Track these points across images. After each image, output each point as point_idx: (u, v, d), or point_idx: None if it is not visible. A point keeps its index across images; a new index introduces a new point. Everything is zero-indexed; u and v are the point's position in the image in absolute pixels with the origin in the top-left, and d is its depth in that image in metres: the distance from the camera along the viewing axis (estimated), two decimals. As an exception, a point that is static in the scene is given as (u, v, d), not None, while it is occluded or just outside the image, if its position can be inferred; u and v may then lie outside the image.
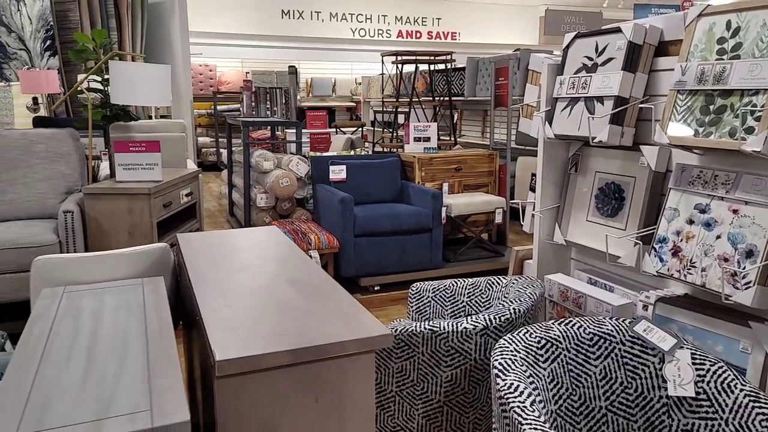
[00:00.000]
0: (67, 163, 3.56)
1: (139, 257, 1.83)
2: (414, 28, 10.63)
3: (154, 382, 1.13)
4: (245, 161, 4.54)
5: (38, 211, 3.45)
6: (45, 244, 3.04)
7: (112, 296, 1.63)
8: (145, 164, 3.40)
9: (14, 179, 3.41)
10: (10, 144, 3.45)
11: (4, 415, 1.01)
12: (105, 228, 3.24)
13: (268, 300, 1.38)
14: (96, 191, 3.22)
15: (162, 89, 3.38)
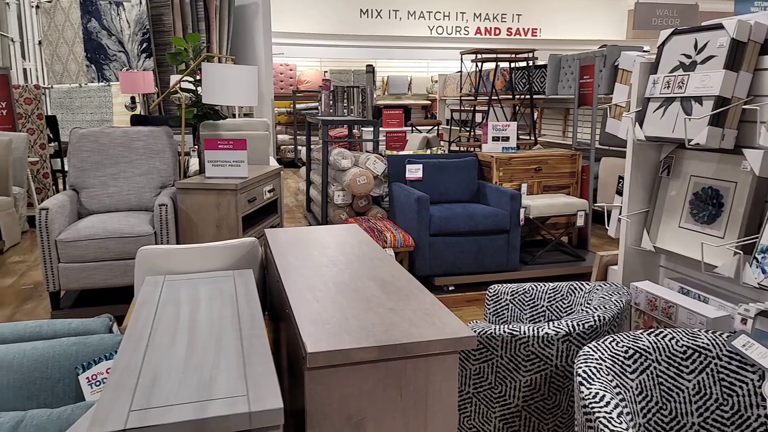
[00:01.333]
0: (162, 159, 3.80)
1: (230, 250, 1.93)
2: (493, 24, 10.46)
3: (248, 369, 1.20)
4: (324, 159, 4.66)
5: (137, 203, 3.70)
6: (142, 234, 3.27)
7: (207, 286, 1.73)
8: (232, 161, 3.58)
9: (117, 174, 3.69)
10: (114, 141, 3.73)
11: (120, 390, 1.11)
12: (194, 221, 3.44)
13: (354, 296, 1.42)
14: (187, 186, 3.42)
15: (250, 89, 3.54)
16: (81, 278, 3.22)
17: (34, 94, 5.90)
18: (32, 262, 4.49)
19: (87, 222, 3.33)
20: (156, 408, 1.05)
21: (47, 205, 3.18)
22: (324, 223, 4.71)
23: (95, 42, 8.80)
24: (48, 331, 1.64)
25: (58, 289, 3.21)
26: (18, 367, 1.48)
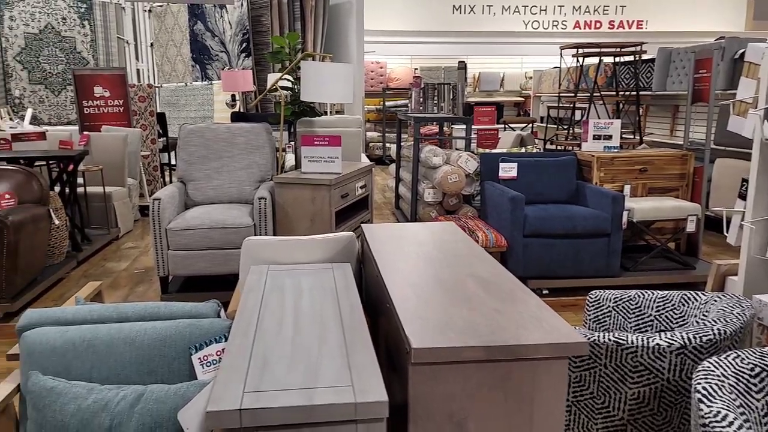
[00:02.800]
0: (262, 154, 3.96)
1: (329, 244, 1.97)
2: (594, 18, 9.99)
3: (352, 359, 1.21)
4: (414, 156, 4.66)
5: (237, 196, 3.89)
6: (242, 226, 3.43)
7: (308, 277, 1.78)
8: (327, 157, 3.66)
9: (220, 167, 3.89)
10: (219, 137, 3.93)
11: (234, 372, 1.16)
12: (290, 214, 3.56)
13: (455, 294, 1.40)
14: (284, 181, 3.54)
15: (346, 87, 3.60)
16: (187, 265, 3.43)
17: (147, 93, 6.37)
18: (143, 249, 4.85)
19: (193, 212, 3.54)
20: (267, 391, 1.09)
21: (159, 195, 3.41)
22: (413, 221, 4.71)
23: (200, 43, 9.36)
24: (165, 313, 1.75)
25: (167, 274, 3.44)
26: (139, 344, 1.59)
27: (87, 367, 1.56)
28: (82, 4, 8.94)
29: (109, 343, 1.58)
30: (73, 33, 9.01)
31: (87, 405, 1.42)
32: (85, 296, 2.26)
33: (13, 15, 8.62)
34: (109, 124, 5.91)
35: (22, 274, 3.39)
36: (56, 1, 8.83)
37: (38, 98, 8.91)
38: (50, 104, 9.00)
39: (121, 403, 1.42)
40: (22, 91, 8.77)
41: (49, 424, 1.42)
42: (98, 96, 5.91)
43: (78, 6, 8.94)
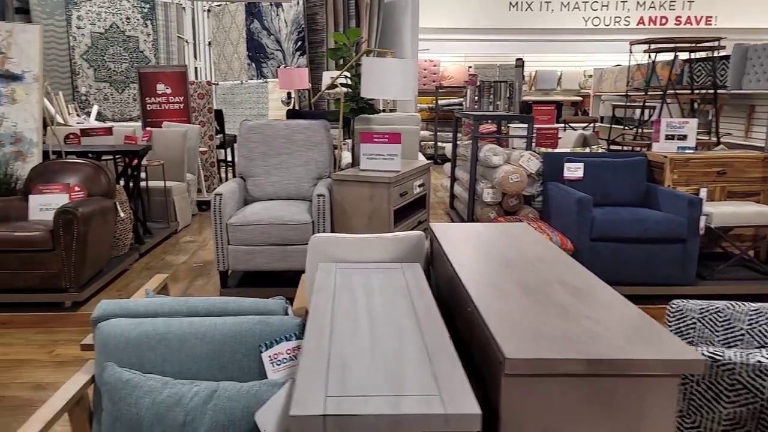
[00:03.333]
0: (320, 151, 3.95)
1: (398, 243, 1.91)
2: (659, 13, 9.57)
3: (435, 366, 1.14)
4: (473, 155, 4.55)
5: (295, 192, 3.89)
6: (301, 222, 3.42)
7: (378, 276, 1.72)
8: (386, 155, 3.61)
9: (279, 164, 3.90)
10: (278, 133, 3.94)
11: (314, 375, 1.11)
12: (348, 212, 3.52)
13: (545, 301, 1.31)
14: (342, 178, 3.51)
15: (407, 83, 3.53)
16: (246, 260, 3.45)
17: (206, 90, 6.50)
18: (201, 243, 4.93)
19: (253, 208, 3.55)
20: (351, 397, 1.03)
21: (221, 190, 3.44)
22: (470, 221, 4.60)
23: (256, 42, 9.50)
24: (233, 308, 1.73)
25: (226, 268, 3.47)
26: (210, 339, 1.57)
27: (159, 360, 1.55)
28: (145, 4, 9.23)
29: (182, 338, 1.57)
30: (137, 32, 9.32)
31: (162, 399, 1.40)
32: (153, 288, 2.27)
33: (81, 15, 8.97)
34: (170, 121, 6.06)
35: (90, 264, 3.48)
36: (121, 2, 9.15)
37: (103, 95, 9.26)
38: (114, 101, 9.34)
39: (194, 399, 1.40)
40: (88, 88, 9.13)
41: (124, 416, 1.41)
42: (160, 93, 6.07)
43: (141, 6, 9.23)
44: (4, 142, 4.00)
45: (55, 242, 3.28)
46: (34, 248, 3.26)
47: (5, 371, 2.69)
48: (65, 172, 3.78)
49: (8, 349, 2.92)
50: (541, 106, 5.98)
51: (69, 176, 3.76)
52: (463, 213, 5.07)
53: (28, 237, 3.24)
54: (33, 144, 4.01)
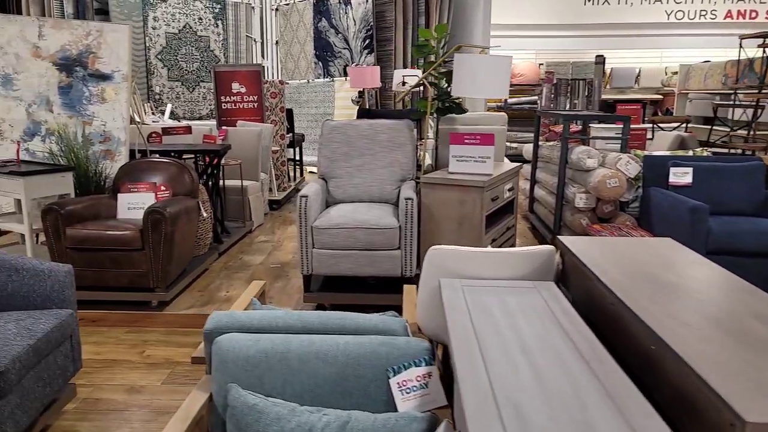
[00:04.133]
0: (404, 152, 3.80)
1: (526, 258, 1.73)
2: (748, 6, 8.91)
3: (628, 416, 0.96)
4: (562, 157, 4.29)
5: (378, 195, 3.76)
6: (388, 227, 3.28)
7: (512, 297, 1.55)
8: (477, 157, 3.42)
9: (362, 165, 3.78)
10: (361, 134, 3.82)
11: (485, 420, 0.95)
12: (436, 216, 3.36)
13: (752, 342, 1.10)
14: (431, 181, 3.35)
15: (501, 81, 3.34)
16: (331, 264, 3.34)
17: (278, 89, 6.49)
18: (276, 243, 4.89)
19: (337, 211, 3.45)
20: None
21: (307, 192, 3.35)
22: (557, 227, 4.35)
23: (323, 40, 9.49)
24: (350, 325, 1.60)
25: (310, 272, 3.38)
26: (333, 360, 1.44)
27: (280, 382, 1.44)
28: (216, 4, 9.38)
29: (302, 358, 1.45)
30: (208, 32, 9.48)
31: (290, 428, 1.28)
32: (254, 295, 2.19)
33: (157, 16, 9.21)
34: (244, 120, 6.08)
35: (175, 264, 3.47)
36: (194, 2, 9.33)
37: (175, 94, 9.49)
38: (185, 100, 9.54)
39: (325, 430, 1.28)
40: (162, 87, 9.37)
41: (250, 445, 1.31)
42: (235, 92, 6.10)
43: (213, 6, 9.39)
44: (93, 140, 4.06)
45: (144, 242, 3.28)
46: (124, 247, 3.27)
47: (99, 372, 2.68)
48: (151, 171, 3.80)
49: (100, 348, 2.93)
50: (626, 105, 5.62)
51: (155, 175, 3.77)
52: (546, 218, 4.82)
53: (119, 236, 3.26)
54: (121, 143, 4.06)
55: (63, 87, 4.05)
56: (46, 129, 4.08)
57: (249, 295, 2.17)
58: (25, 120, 4.09)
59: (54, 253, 3.31)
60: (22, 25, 4.02)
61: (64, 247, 3.31)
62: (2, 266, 2.14)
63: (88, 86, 4.03)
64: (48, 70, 4.04)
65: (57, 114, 4.06)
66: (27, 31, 4.02)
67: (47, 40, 4.03)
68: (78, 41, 4.02)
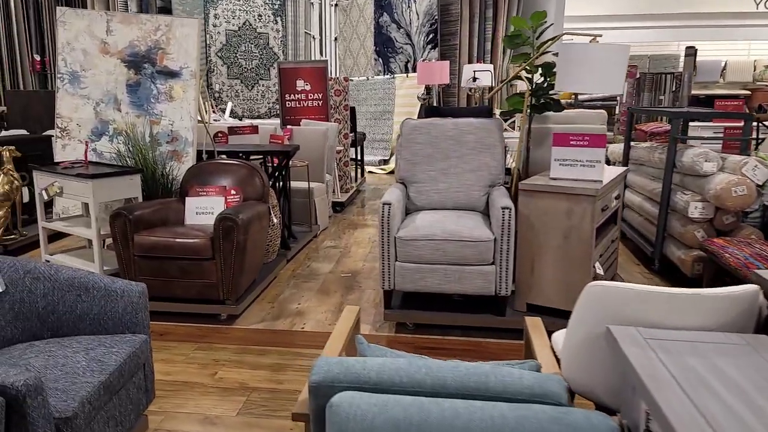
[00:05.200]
0: (493, 154, 3.42)
1: (722, 302, 1.33)
2: None
3: None
4: (669, 160, 3.80)
5: (465, 202, 3.39)
6: (482, 239, 2.91)
7: (725, 359, 1.16)
8: (585, 160, 3.01)
9: (447, 169, 3.42)
10: (446, 134, 3.46)
11: None
12: (536, 228, 2.97)
13: None
14: (532, 188, 2.96)
15: (617, 74, 2.90)
16: (415, 280, 3.00)
17: (343, 86, 6.20)
18: (344, 249, 4.60)
19: (422, 220, 3.10)
20: None
21: (389, 199, 3.01)
22: (660, 240, 3.86)
23: (384, 35, 9.16)
24: (496, 386, 1.25)
25: (392, 288, 3.05)
26: (488, 440, 1.09)
27: (417, 465, 1.10)
28: (276, 1, 9.20)
29: (447, 434, 1.11)
30: (267, 29, 9.32)
31: None
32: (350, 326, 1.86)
33: (217, 13, 9.11)
34: (308, 118, 5.82)
35: (246, 274, 3.21)
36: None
37: (234, 92, 9.38)
38: (244, 98, 9.43)
39: None
40: (221, 85, 9.28)
41: None
42: (300, 89, 5.85)
43: (272, 3, 9.21)
44: (161, 140, 3.86)
45: (215, 251, 3.03)
46: (194, 256, 3.03)
47: (170, 397, 2.43)
48: (220, 173, 3.56)
49: (170, 367, 2.68)
50: (730, 102, 5.04)
51: (224, 178, 3.53)
52: (642, 227, 4.32)
53: (189, 244, 3.02)
54: (188, 143, 3.84)
55: (131, 85, 3.87)
56: (114, 129, 3.91)
57: (346, 325, 1.85)
58: (92, 119, 3.93)
59: (122, 261, 3.11)
60: (90, 20, 3.85)
61: (132, 254, 3.10)
62: (72, 285, 1.90)
63: (156, 84, 3.83)
64: (116, 67, 3.87)
65: (125, 113, 3.89)
66: (95, 26, 3.85)
67: (115, 36, 3.85)
68: (146, 36, 3.82)
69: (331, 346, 1.67)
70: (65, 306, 1.89)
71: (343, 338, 1.75)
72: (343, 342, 1.72)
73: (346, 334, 1.78)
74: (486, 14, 8.28)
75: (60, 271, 1.92)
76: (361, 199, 6.55)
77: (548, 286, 2.98)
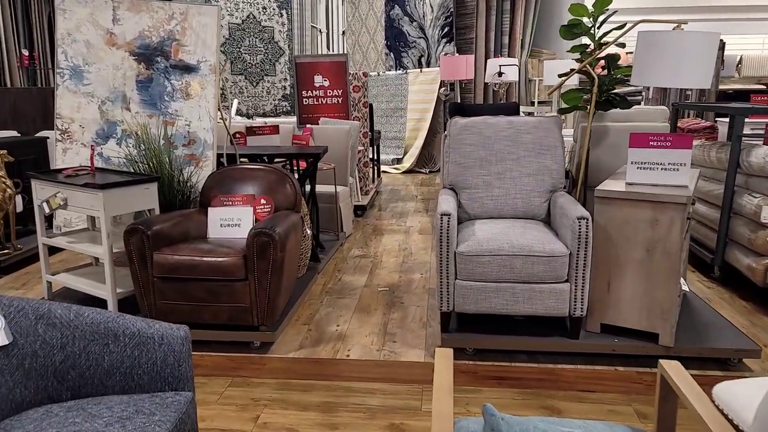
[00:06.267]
0: (554, 156, 3.06)
1: None
2: None
3: None
4: (732, 159, 3.46)
5: (523, 209, 3.03)
6: (556, 254, 2.55)
7: None
8: (667, 164, 2.65)
9: (502, 173, 3.06)
10: (500, 134, 3.10)
11: None
12: (614, 239, 2.61)
13: None
14: (610, 195, 2.60)
15: (706, 66, 2.55)
16: (479, 300, 2.64)
17: (362, 82, 5.82)
18: (374, 258, 4.23)
19: (483, 232, 2.74)
20: None
21: (448, 209, 2.65)
22: (721, 246, 3.52)
23: (396, 29, 8.77)
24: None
25: (451, 309, 2.69)
26: None
27: None
28: (281, -8, 8.78)
29: None
30: (272, 23, 8.91)
31: None
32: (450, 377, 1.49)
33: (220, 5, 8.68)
34: (328, 116, 5.44)
35: (283, 296, 2.84)
36: (259, -9, 8.75)
37: (238, 89, 8.97)
38: (248, 95, 9.02)
39: None
40: (225, 82, 8.86)
41: None
42: (318, 85, 5.46)
43: (277, -5, 8.79)
44: (176, 143, 3.48)
45: (248, 270, 2.66)
46: (225, 277, 2.66)
47: (209, 449, 2.07)
48: (247, 179, 3.18)
49: (204, 410, 2.31)
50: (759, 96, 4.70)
51: (251, 185, 3.15)
52: (698, 231, 3.98)
53: (219, 264, 2.64)
54: (208, 146, 3.46)
55: (141, 81, 3.48)
56: (122, 130, 3.52)
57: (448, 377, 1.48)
58: (98, 120, 3.54)
59: (139, 283, 2.73)
60: (94, 7, 3.46)
61: (151, 275, 2.71)
62: (97, 331, 1.53)
63: (170, 80, 3.45)
64: (124, 61, 3.48)
65: (135, 113, 3.50)
66: (99, 15, 3.46)
67: (123, 25, 3.46)
68: (159, 26, 3.43)
69: (441, 410, 1.31)
70: (89, 359, 1.51)
71: (450, 394, 1.38)
72: (451, 398, 1.36)
73: (451, 387, 1.42)
74: (503, 7, 7.92)
75: (81, 314, 1.54)
76: (380, 202, 6.18)
77: (627, 305, 2.63)
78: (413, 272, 3.93)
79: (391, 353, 2.78)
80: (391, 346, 2.86)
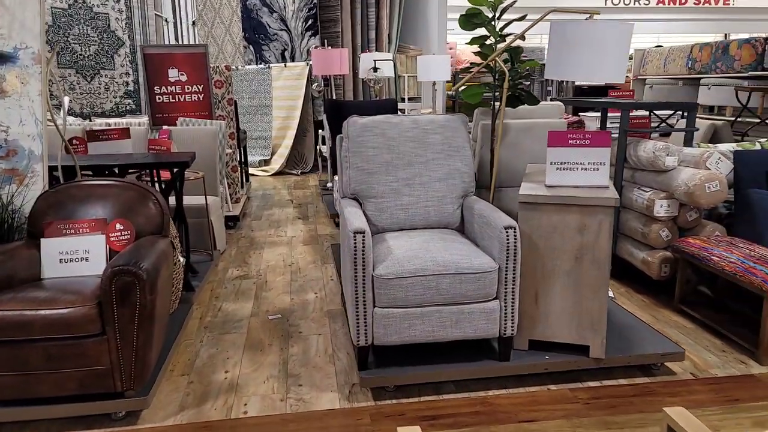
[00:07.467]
0: (463, 158, 2.80)
1: None
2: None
3: None
4: (619, 154, 3.49)
5: (437, 218, 2.72)
6: (484, 270, 2.26)
7: None
8: (587, 163, 2.50)
9: (410, 178, 2.72)
10: (405, 135, 2.76)
11: None
12: (540, 248, 2.40)
13: None
14: (533, 200, 2.38)
15: (620, 59, 2.42)
16: (402, 330, 2.27)
17: (225, 77, 5.15)
18: (256, 278, 3.68)
19: (399, 248, 2.37)
20: None
21: (361, 226, 2.23)
22: (613, 240, 3.55)
23: (255, 20, 8.09)
24: None
25: (370, 343, 2.28)
26: None
27: None
28: (115, -26, 7.64)
29: None
30: (107, 9, 7.74)
31: None
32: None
33: (38, -13, 7.31)
34: (187, 115, 4.70)
35: (156, 347, 2.22)
36: (88, -30, 7.53)
37: (68, 84, 7.66)
38: (82, 92, 7.75)
39: None
40: (50, 76, 7.50)
41: None
42: (173, 81, 4.69)
43: (111, -24, 7.64)
44: (-12, 155, 2.63)
45: (105, 322, 2.00)
46: (72, 334, 1.98)
47: None
48: (94, 199, 2.47)
49: None
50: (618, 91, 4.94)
51: (101, 206, 2.46)
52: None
53: (62, 317, 1.95)
54: (35, 157, 2.66)
55: (-71, 71, 2.57)
56: None
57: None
58: None
59: (-59, 355, 1.94)
60: None
61: (-40, 341, 1.94)
62: None
63: (-27, 70, 2.59)
64: None
65: None
66: None
67: None
68: (-48, -1, 2.55)
69: None
70: None
71: None
72: None
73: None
74: (368, 1, 7.65)
75: None
76: (253, 210, 5.57)
77: (556, 318, 2.44)
78: (306, 292, 3.46)
79: (299, 402, 2.30)
80: (297, 391, 2.38)
